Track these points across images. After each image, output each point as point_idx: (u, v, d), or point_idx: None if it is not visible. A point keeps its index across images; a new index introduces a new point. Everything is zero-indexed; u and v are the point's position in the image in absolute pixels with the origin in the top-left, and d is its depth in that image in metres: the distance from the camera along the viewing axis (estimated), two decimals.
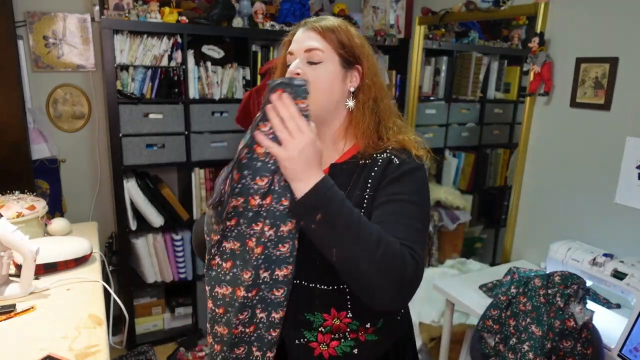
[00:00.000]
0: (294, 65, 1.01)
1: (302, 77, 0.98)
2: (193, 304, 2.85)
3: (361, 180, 1.01)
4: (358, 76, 1.05)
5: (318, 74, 1.00)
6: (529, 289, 1.57)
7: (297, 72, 0.99)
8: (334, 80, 1.01)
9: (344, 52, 1.02)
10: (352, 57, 1.03)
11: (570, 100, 1.99)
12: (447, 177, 3.20)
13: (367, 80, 1.04)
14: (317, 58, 1.00)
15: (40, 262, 1.46)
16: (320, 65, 1.00)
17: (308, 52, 1.00)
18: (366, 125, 1.03)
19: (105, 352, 1.14)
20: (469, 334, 2.12)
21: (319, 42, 1.01)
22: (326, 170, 1.04)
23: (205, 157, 2.61)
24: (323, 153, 1.01)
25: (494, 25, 2.99)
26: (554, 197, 2.10)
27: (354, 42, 1.03)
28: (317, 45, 1.00)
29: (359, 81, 1.05)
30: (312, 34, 1.02)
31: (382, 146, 1.02)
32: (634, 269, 1.56)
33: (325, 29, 1.01)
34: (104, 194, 2.75)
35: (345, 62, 1.03)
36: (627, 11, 1.77)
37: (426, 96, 3.08)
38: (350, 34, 1.04)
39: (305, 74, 0.99)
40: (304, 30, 1.03)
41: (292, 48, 1.04)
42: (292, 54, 1.03)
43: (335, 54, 1.01)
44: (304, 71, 1.00)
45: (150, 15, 2.37)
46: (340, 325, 1.02)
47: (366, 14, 3.03)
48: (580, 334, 1.42)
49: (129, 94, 2.39)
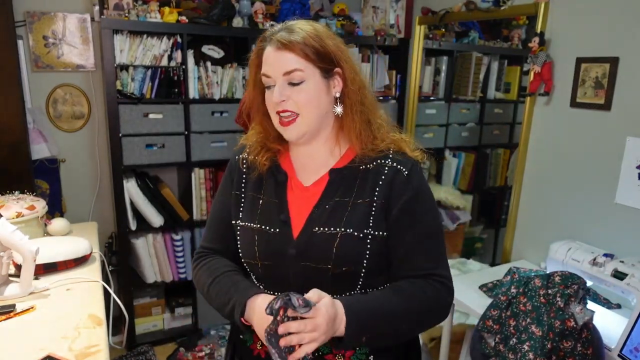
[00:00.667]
0: (278, 94, 0.96)
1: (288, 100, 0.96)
2: (193, 304, 2.85)
3: (367, 188, 1.00)
4: (340, 80, 1.01)
5: (304, 94, 0.96)
6: (529, 289, 1.56)
7: (282, 100, 0.96)
8: (320, 95, 0.98)
9: (323, 63, 0.97)
10: (331, 64, 0.99)
11: (570, 100, 1.99)
12: (447, 177, 3.20)
13: (351, 85, 1.00)
14: (297, 78, 0.96)
15: (40, 262, 1.46)
16: (302, 86, 0.96)
17: (287, 75, 0.96)
18: (358, 128, 1.01)
19: (105, 352, 1.14)
20: (469, 334, 2.12)
21: (296, 61, 0.95)
22: (326, 175, 1.04)
23: (205, 157, 2.61)
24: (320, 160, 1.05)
25: (494, 25, 2.99)
26: (554, 197, 2.10)
27: (329, 48, 0.98)
28: (295, 66, 0.95)
29: (341, 85, 1.01)
30: (286, 54, 0.95)
31: (379, 146, 1.03)
32: (634, 269, 1.56)
33: (297, 44, 0.95)
34: (104, 194, 2.75)
35: (325, 72, 0.98)
36: (627, 11, 1.77)
37: (426, 96, 3.07)
38: (322, 40, 0.98)
39: (290, 98, 0.96)
40: (274, 49, 0.97)
41: (266, 71, 0.98)
42: (269, 76, 0.98)
43: (315, 67, 0.97)
44: (288, 95, 0.96)
45: (150, 15, 2.37)
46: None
47: (366, 14, 3.03)
48: (581, 334, 1.42)
49: (129, 94, 2.39)
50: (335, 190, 1.01)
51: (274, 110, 1.00)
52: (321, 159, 1.05)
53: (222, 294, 1.02)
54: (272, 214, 1.04)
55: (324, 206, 1.01)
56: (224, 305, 1.01)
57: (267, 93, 1.00)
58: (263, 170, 1.08)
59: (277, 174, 1.08)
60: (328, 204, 1.01)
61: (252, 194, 1.09)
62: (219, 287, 1.04)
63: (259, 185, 1.08)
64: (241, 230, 1.07)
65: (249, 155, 1.11)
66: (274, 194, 1.06)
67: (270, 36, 0.99)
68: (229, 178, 1.14)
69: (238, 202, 1.10)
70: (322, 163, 1.05)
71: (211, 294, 1.05)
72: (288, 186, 1.06)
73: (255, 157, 1.09)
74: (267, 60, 0.98)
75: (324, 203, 1.01)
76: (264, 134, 1.09)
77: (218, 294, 1.03)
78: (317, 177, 1.05)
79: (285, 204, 1.04)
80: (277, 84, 0.97)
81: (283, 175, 1.07)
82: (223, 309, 1.01)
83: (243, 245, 1.07)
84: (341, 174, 1.03)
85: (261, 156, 1.08)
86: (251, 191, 1.09)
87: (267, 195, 1.07)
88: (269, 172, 1.08)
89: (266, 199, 1.07)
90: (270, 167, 1.08)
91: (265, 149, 1.09)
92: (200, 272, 1.10)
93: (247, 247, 1.06)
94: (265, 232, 1.03)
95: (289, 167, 1.09)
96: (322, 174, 1.05)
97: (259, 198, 1.07)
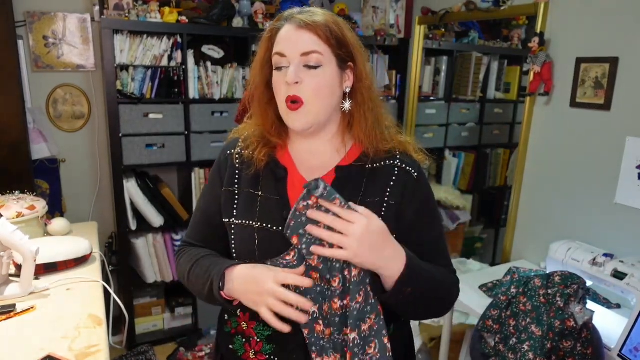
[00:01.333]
0: (293, 75, 0.90)
1: (301, 84, 0.91)
2: (193, 304, 2.85)
3: (377, 187, 0.98)
4: (351, 75, 0.97)
5: (319, 80, 0.92)
6: (529, 289, 1.56)
7: (296, 82, 0.91)
8: (333, 84, 0.94)
9: (341, 52, 0.94)
10: (348, 56, 0.95)
11: (570, 100, 1.99)
12: (447, 177, 3.20)
13: (363, 81, 0.97)
14: (315, 61, 0.91)
15: (40, 262, 1.46)
16: (319, 70, 0.92)
17: (305, 56, 0.91)
18: (369, 126, 0.98)
19: (105, 352, 1.14)
20: (469, 334, 2.12)
21: (317, 44, 0.91)
22: (332, 172, 1.00)
23: (205, 157, 2.61)
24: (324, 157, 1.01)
25: (494, 25, 2.99)
26: (554, 197, 2.10)
27: (348, 39, 0.95)
28: (315, 48, 0.91)
29: (352, 81, 0.98)
30: (307, 34, 0.91)
31: (387, 147, 1.01)
32: (634, 269, 1.56)
33: (320, 26, 0.91)
34: (104, 194, 2.75)
35: (341, 62, 0.95)
36: (627, 11, 1.77)
37: (426, 96, 3.07)
38: (344, 30, 0.95)
39: (304, 82, 0.91)
40: (294, 28, 0.92)
41: (282, 49, 0.92)
42: (284, 55, 0.92)
43: (333, 54, 0.93)
44: (302, 78, 0.91)
45: (150, 15, 2.37)
46: None
47: (366, 14, 3.03)
48: (580, 334, 1.42)
49: (129, 94, 2.39)
50: (342, 188, 0.94)
51: (284, 94, 0.93)
52: (326, 155, 1.01)
53: (202, 275, 0.98)
54: (273, 211, 0.98)
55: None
56: (203, 286, 0.96)
57: (277, 75, 0.94)
58: (260, 166, 1.01)
59: (276, 169, 1.01)
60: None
61: (248, 190, 1.02)
62: (198, 269, 1.00)
63: (256, 182, 1.02)
64: (237, 228, 1.01)
65: (244, 150, 1.04)
66: (274, 191, 1.00)
67: (289, 16, 0.95)
68: (217, 175, 1.07)
69: (231, 199, 1.03)
70: (326, 160, 1.01)
71: (192, 280, 1.01)
72: (289, 182, 1.00)
73: (252, 153, 1.02)
74: (283, 38, 0.93)
75: None
76: (264, 126, 1.02)
77: (198, 276, 0.99)
78: (322, 174, 1.00)
79: (287, 200, 0.98)
80: (293, 64, 0.91)
81: (282, 170, 1.01)
82: (203, 291, 0.97)
83: (240, 244, 1.01)
84: (348, 172, 0.99)
85: (258, 152, 1.01)
86: (247, 187, 1.02)
87: (265, 191, 1.00)
88: (267, 168, 1.02)
89: (265, 195, 1.00)
90: (268, 162, 1.02)
91: (263, 143, 1.02)
92: (181, 261, 1.07)
93: (244, 245, 1.00)
94: (266, 230, 0.97)
95: (289, 163, 1.03)
96: (327, 171, 1.00)
97: (256, 195, 1.01)
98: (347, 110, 0.99)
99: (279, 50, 0.93)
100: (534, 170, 2.20)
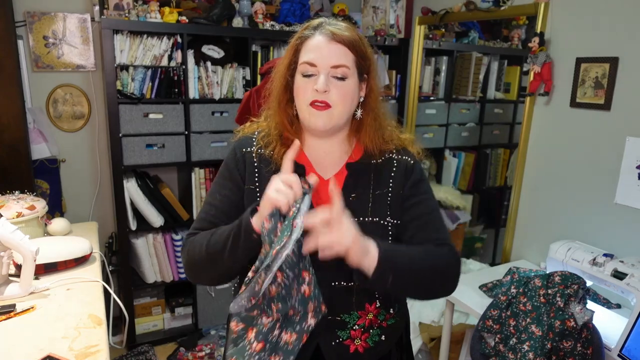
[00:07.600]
0: (323, 84, 0.98)
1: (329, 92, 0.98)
2: (193, 304, 2.85)
3: (382, 180, 1.08)
4: (365, 86, 1.06)
5: (345, 91, 1.00)
6: (529, 289, 1.57)
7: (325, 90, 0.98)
8: (354, 94, 1.03)
9: (362, 66, 1.02)
10: (366, 70, 1.04)
11: (570, 100, 1.99)
12: (447, 177, 3.20)
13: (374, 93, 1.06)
14: (342, 74, 0.99)
15: (40, 262, 1.46)
16: (345, 82, 1.00)
17: (335, 68, 0.98)
18: (373, 133, 1.07)
19: (105, 352, 1.14)
20: (469, 334, 2.12)
21: (346, 57, 0.99)
22: (343, 169, 1.08)
23: (205, 157, 2.61)
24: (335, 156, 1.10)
25: (494, 25, 2.99)
26: (554, 197, 2.10)
27: (369, 55, 1.04)
28: (344, 62, 0.99)
29: (365, 92, 1.07)
30: (340, 47, 0.99)
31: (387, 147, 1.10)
32: (634, 269, 1.56)
33: (351, 41, 1.00)
34: (104, 194, 2.75)
35: (360, 75, 1.03)
36: (627, 11, 1.77)
37: (426, 96, 3.07)
38: (366, 46, 1.03)
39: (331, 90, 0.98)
40: (326, 40, 0.99)
41: (313, 59, 0.99)
42: (314, 65, 0.99)
43: (356, 68, 1.01)
44: (329, 89, 0.98)
45: (150, 15, 2.37)
46: (372, 319, 1.07)
47: (366, 14, 3.03)
48: (581, 334, 1.43)
49: (129, 94, 2.39)
50: (354, 182, 1.06)
51: (309, 98, 1.00)
52: (336, 154, 1.09)
53: (226, 230, 0.98)
54: None
55: (348, 198, 1.03)
56: (227, 236, 0.96)
57: (304, 81, 1.01)
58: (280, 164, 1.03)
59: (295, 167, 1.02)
60: (351, 195, 1.05)
61: None
62: (219, 232, 1.00)
63: None
64: None
65: (263, 148, 1.09)
66: None
67: (319, 26, 1.02)
68: (235, 171, 1.10)
69: (253, 197, 1.07)
70: (337, 158, 1.09)
71: (211, 243, 1.00)
72: None
73: (272, 151, 1.08)
74: (314, 48, 1.00)
75: (347, 194, 1.03)
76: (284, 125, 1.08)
77: (220, 234, 0.99)
78: (335, 170, 1.09)
79: None
80: (322, 74, 0.98)
81: (301, 168, 1.06)
82: (227, 241, 0.96)
83: None
84: (357, 167, 1.08)
85: (277, 150, 1.07)
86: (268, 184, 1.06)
87: None
88: None
89: None
90: None
91: (281, 142, 1.08)
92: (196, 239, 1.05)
93: None
94: None
95: (305, 161, 1.09)
96: (339, 168, 1.09)
97: None
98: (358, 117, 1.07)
99: (310, 60, 1.00)
100: (534, 170, 2.20)
